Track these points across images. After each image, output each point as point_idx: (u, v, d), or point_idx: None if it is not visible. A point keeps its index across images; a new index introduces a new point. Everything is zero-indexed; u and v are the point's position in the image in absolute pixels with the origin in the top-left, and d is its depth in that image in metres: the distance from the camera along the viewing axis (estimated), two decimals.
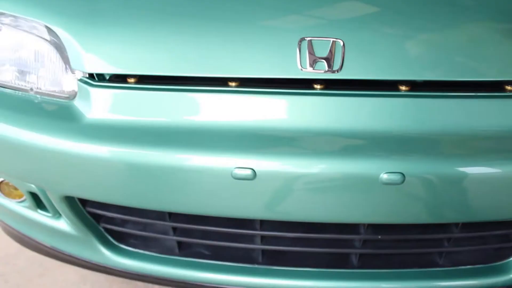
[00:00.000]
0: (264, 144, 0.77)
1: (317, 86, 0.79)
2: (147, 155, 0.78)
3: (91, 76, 0.86)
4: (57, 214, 1.00)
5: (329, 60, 0.77)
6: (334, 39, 0.78)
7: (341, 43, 0.77)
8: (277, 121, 0.79)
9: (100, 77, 0.86)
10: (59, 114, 0.86)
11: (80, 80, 0.86)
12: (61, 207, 0.94)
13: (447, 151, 0.76)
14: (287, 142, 0.78)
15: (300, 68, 0.78)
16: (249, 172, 0.75)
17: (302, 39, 0.78)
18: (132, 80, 0.84)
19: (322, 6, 0.81)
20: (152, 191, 0.82)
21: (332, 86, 0.79)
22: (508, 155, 0.76)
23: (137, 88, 0.83)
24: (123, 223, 1.00)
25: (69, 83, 0.89)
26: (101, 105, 0.84)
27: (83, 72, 0.86)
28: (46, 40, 0.89)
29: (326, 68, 0.77)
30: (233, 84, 0.80)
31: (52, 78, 0.90)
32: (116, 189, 0.84)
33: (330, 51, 0.77)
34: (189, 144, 0.78)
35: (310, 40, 0.78)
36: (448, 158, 0.75)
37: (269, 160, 0.75)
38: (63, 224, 1.01)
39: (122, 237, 1.03)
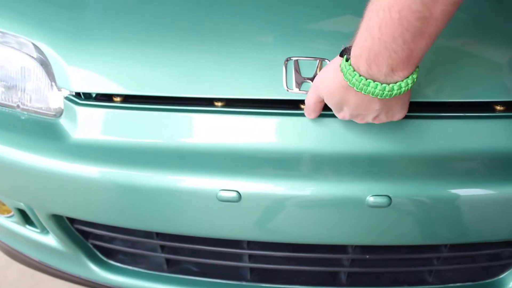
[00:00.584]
0: (249, 166, 0.76)
1: (304, 107, 0.78)
2: (131, 176, 0.77)
3: (77, 94, 0.86)
4: (45, 230, 0.99)
5: None
6: (321, 59, 0.77)
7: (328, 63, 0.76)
8: (262, 142, 0.78)
9: (87, 95, 0.86)
10: (44, 132, 0.86)
11: (66, 98, 0.86)
12: (49, 224, 0.94)
13: (434, 173, 0.75)
14: (272, 164, 0.77)
15: (286, 89, 0.77)
16: (234, 194, 0.74)
17: (289, 59, 0.77)
18: (118, 99, 0.83)
19: (308, 26, 0.80)
20: (137, 212, 0.81)
21: None
22: (496, 177, 0.76)
23: (123, 107, 0.82)
24: (111, 239, 0.99)
25: (56, 100, 0.88)
26: (86, 124, 0.83)
27: (70, 90, 0.85)
28: (33, 57, 0.88)
29: None
30: (219, 104, 0.79)
31: (38, 95, 0.89)
32: (101, 209, 0.83)
33: (317, 71, 0.77)
34: (174, 165, 0.77)
35: (297, 60, 0.77)
36: (435, 180, 0.74)
37: (254, 182, 0.74)
38: (52, 240, 1.01)
39: (111, 253, 1.03)
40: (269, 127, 0.78)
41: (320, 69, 0.77)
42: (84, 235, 0.99)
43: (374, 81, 0.59)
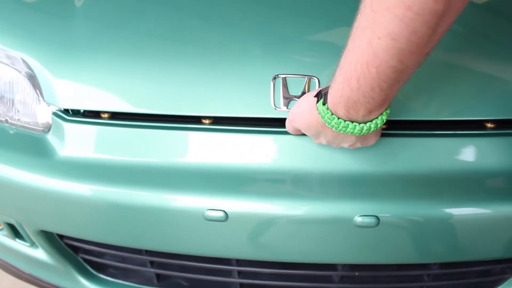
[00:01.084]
0: (237, 185, 0.75)
1: None
2: (118, 194, 0.77)
3: (65, 110, 0.85)
4: (35, 244, 0.99)
5: None
6: (309, 77, 0.76)
7: (316, 81, 0.76)
8: (249, 161, 0.77)
9: (75, 111, 0.85)
10: (32, 148, 0.85)
11: (54, 113, 0.85)
12: (38, 239, 0.93)
13: (423, 192, 0.74)
14: (260, 183, 0.76)
15: (274, 107, 0.76)
16: (221, 214, 0.73)
17: (276, 77, 0.76)
18: (106, 115, 0.82)
19: (297, 43, 0.79)
20: (124, 230, 0.81)
21: None
22: (485, 196, 0.75)
23: (110, 124, 0.81)
24: (101, 254, 0.99)
25: (44, 115, 0.88)
26: (74, 140, 0.82)
27: (57, 106, 0.85)
28: (21, 71, 0.88)
29: None
30: (207, 122, 0.79)
31: (26, 110, 0.89)
32: (87, 226, 0.83)
33: (305, 89, 0.76)
34: (161, 183, 0.77)
35: (285, 77, 0.76)
36: (424, 200, 0.74)
37: (241, 201, 0.74)
38: (41, 254, 1.00)
39: (101, 267, 1.02)
40: (257, 146, 0.77)
41: (308, 87, 0.76)
42: (74, 249, 0.99)
43: (352, 122, 0.62)
